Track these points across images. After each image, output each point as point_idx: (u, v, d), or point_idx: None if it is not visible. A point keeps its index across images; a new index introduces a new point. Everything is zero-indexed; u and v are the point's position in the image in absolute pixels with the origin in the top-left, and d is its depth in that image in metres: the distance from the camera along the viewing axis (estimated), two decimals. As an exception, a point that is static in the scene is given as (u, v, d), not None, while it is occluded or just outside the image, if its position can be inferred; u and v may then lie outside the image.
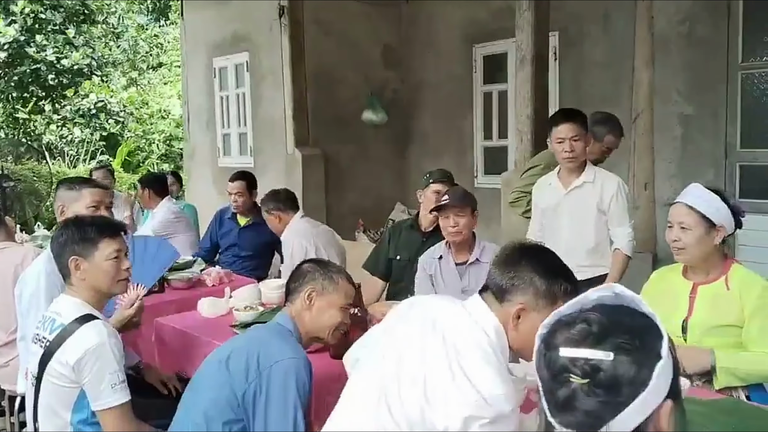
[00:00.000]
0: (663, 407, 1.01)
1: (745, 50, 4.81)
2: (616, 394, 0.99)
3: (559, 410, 1.02)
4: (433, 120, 7.23)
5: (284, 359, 1.93)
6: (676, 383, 1.05)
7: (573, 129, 3.35)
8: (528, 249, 1.80)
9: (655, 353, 1.01)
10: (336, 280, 2.23)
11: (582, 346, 1.02)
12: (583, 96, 5.76)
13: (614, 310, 1.08)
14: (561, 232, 3.53)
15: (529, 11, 4.45)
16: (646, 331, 1.04)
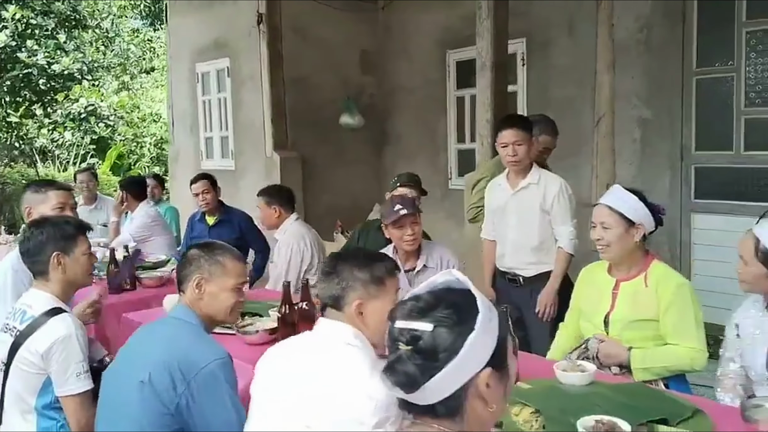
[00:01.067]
0: (482, 374, 1.20)
1: (699, 57, 5.00)
2: (433, 360, 1.18)
3: (389, 370, 1.21)
4: (408, 123, 7.41)
5: (207, 365, 1.95)
6: (499, 355, 1.24)
7: (516, 134, 3.52)
8: (339, 254, 2.02)
9: (469, 327, 1.19)
10: (223, 263, 2.19)
11: (409, 319, 1.22)
12: (549, 99, 5.95)
13: (448, 290, 1.27)
14: (508, 231, 3.72)
15: (488, 20, 4.64)
16: (466, 309, 1.22)
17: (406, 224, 3.22)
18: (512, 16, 5.84)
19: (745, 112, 4.78)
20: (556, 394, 2.16)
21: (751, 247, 2.28)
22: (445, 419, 1.21)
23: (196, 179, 4.91)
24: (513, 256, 3.70)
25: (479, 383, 1.20)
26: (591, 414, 1.94)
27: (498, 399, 1.25)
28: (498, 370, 1.23)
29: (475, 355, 1.19)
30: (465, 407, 1.21)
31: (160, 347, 2.03)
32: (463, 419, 1.22)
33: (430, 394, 1.19)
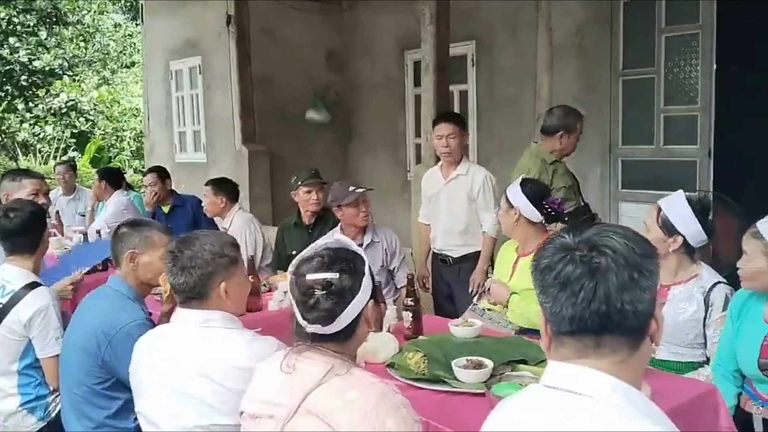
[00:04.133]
0: (368, 304, 1.67)
1: (625, 59, 5.48)
2: (343, 298, 1.62)
3: (308, 311, 1.63)
4: (371, 119, 7.85)
5: (124, 325, 2.31)
6: (375, 292, 1.71)
7: (449, 128, 3.99)
8: (179, 248, 2.10)
9: (361, 272, 1.66)
10: (150, 236, 2.52)
11: (319, 272, 1.65)
12: (496, 98, 6.42)
13: (337, 249, 1.73)
14: (440, 216, 4.19)
15: (431, 25, 5.08)
16: (357, 260, 1.69)
17: (361, 202, 3.71)
18: (463, 20, 6.33)
19: (664, 110, 5.27)
20: (446, 344, 2.62)
21: (654, 215, 2.70)
22: (338, 342, 1.64)
23: (147, 172, 5.39)
24: (443, 239, 4.17)
25: (367, 311, 1.67)
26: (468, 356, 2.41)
27: (374, 321, 1.73)
28: (376, 302, 1.72)
29: (366, 291, 1.65)
30: (357, 331, 1.67)
31: (90, 314, 2.45)
32: (353, 340, 1.68)
33: (340, 323, 1.62)
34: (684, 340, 2.61)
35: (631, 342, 1.16)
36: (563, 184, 3.78)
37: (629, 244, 1.16)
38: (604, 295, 1.12)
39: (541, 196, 3.00)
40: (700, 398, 2.23)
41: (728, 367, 2.49)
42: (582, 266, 1.14)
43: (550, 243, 1.23)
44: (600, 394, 1.12)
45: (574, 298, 1.14)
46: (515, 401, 1.28)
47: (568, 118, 3.85)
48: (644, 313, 1.15)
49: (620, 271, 1.13)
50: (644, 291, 1.14)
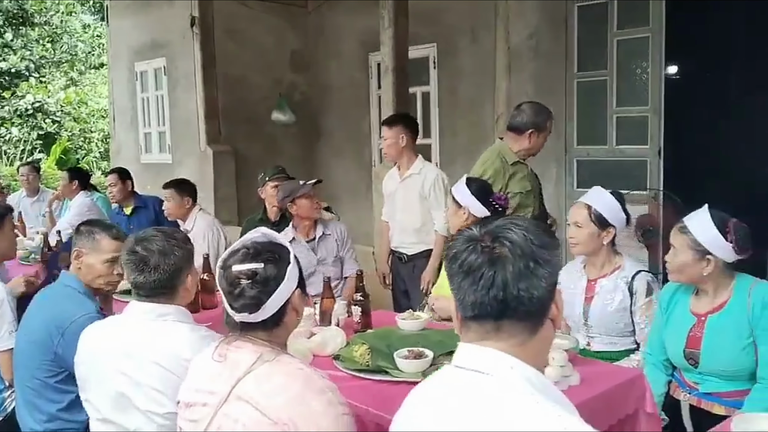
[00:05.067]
0: (295, 292, 1.75)
1: (579, 62, 5.63)
2: (267, 286, 1.70)
3: (234, 300, 1.71)
4: (337, 120, 7.94)
5: (75, 319, 2.36)
6: (302, 280, 1.79)
7: (384, 131, 4.13)
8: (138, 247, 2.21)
9: (287, 261, 1.74)
10: (98, 240, 2.59)
11: (245, 262, 1.73)
12: (457, 99, 6.55)
13: (262, 241, 1.81)
14: (396, 215, 4.31)
15: (390, 28, 5.19)
16: (282, 251, 1.77)
17: (313, 194, 3.84)
18: (425, 22, 6.45)
19: (617, 111, 5.43)
20: (391, 336, 2.72)
21: (584, 213, 2.84)
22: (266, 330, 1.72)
23: (108, 173, 5.42)
24: (399, 236, 4.28)
25: (293, 299, 1.75)
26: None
27: (302, 310, 1.81)
28: (302, 290, 1.80)
29: (292, 280, 1.73)
30: (284, 319, 1.75)
31: (42, 308, 2.53)
32: (281, 328, 1.75)
33: (266, 311, 1.70)
34: (615, 330, 2.74)
35: (530, 326, 1.26)
36: (519, 189, 3.65)
37: (528, 235, 1.26)
38: (502, 282, 1.22)
39: (486, 192, 3.13)
40: (628, 383, 2.35)
41: (658, 357, 2.62)
42: (483, 256, 1.24)
43: (460, 234, 1.34)
44: (500, 372, 1.22)
45: (476, 286, 1.24)
46: (430, 381, 1.39)
47: (539, 117, 3.68)
48: (540, 299, 1.25)
49: (517, 260, 1.23)
50: (540, 279, 1.24)
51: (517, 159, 3.67)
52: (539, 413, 1.16)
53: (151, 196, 5.51)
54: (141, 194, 5.56)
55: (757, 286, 2.42)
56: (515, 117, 3.72)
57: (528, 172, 3.77)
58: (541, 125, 3.68)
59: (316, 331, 2.78)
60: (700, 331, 2.46)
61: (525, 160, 3.73)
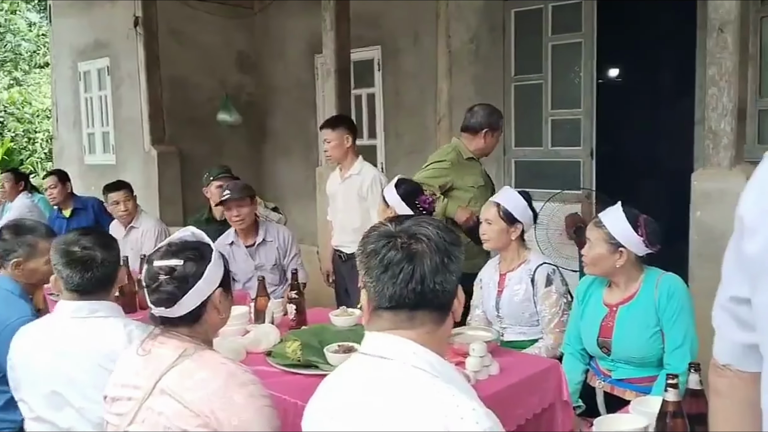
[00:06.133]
0: (216, 292, 1.82)
1: (516, 66, 5.81)
2: (185, 283, 1.76)
3: (151, 294, 1.77)
4: (284, 121, 7.99)
5: (11, 322, 2.37)
6: (226, 280, 1.87)
7: (327, 133, 4.20)
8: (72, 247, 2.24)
9: (207, 260, 1.81)
10: (35, 245, 2.63)
11: (165, 259, 1.80)
12: (401, 101, 6.67)
13: (187, 240, 1.88)
14: (338, 214, 4.40)
15: (332, 31, 5.28)
16: (204, 249, 1.84)
17: (232, 206, 3.83)
18: (369, 25, 6.56)
19: (552, 113, 5.62)
20: (324, 332, 2.81)
21: (494, 211, 3.02)
22: (187, 326, 1.80)
23: (46, 175, 5.40)
24: (339, 236, 4.38)
25: (214, 298, 1.82)
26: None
27: (225, 310, 1.88)
28: (225, 290, 1.86)
29: (212, 279, 1.80)
30: (204, 316, 1.82)
31: None
32: (201, 324, 1.82)
33: (183, 307, 1.76)
34: (523, 320, 2.91)
35: (438, 317, 1.38)
36: (472, 183, 3.87)
37: (440, 233, 1.38)
38: (420, 276, 1.33)
39: (413, 194, 3.25)
40: (544, 372, 2.50)
41: (575, 347, 2.78)
42: (402, 252, 1.35)
43: (373, 230, 1.44)
44: (402, 357, 1.34)
45: (395, 279, 1.34)
46: (340, 369, 1.49)
47: (492, 117, 3.95)
48: (451, 292, 1.38)
49: (433, 256, 1.35)
50: (452, 274, 1.37)
51: (472, 156, 3.93)
52: (436, 393, 1.27)
53: (91, 198, 5.50)
54: (80, 196, 5.53)
55: (664, 278, 2.59)
56: (470, 118, 3.97)
57: (481, 170, 4.03)
58: (495, 125, 3.95)
59: (250, 329, 2.86)
60: (611, 321, 2.62)
61: (479, 159, 3.99)
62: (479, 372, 2.35)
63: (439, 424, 1.22)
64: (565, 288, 3.01)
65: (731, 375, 1.09)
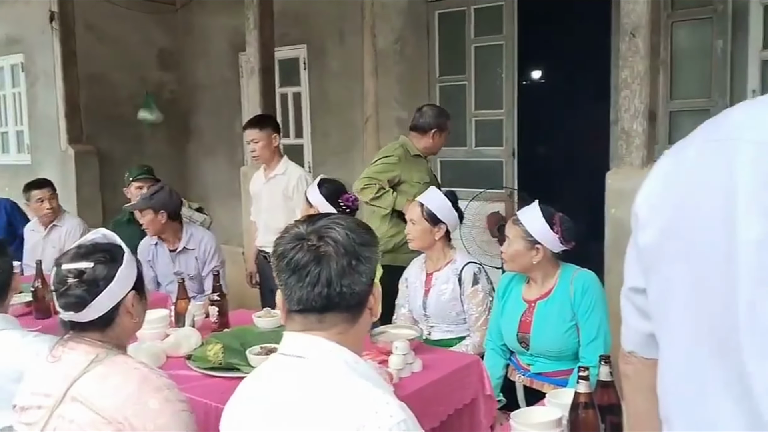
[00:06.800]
0: (128, 295, 1.77)
1: (440, 67, 5.89)
2: (95, 286, 1.71)
3: (59, 298, 1.71)
4: (207, 119, 7.84)
5: None
6: (140, 283, 1.82)
7: (254, 133, 4.16)
8: None
9: (118, 263, 1.76)
10: None
11: (74, 261, 1.75)
12: (328, 101, 6.65)
13: (97, 242, 1.82)
14: (262, 214, 4.36)
15: (256, 29, 5.22)
16: (115, 252, 1.79)
17: (139, 214, 3.79)
18: (294, 23, 6.51)
19: (475, 114, 5.73)
20: (247, 334, 2.79)
21: (418, 211, 3.05)
22: (99, 330, 1.75)
23: None
24: (264, 236, 4.34)
25: (127, 302, 1.76)
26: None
27: (139, 313, 1.83)
28: (139, 293, 1.81)
29: (124, 282, 1.76)
30: (116, 320, 1.77)
31: None
32: (114, 329, 1.77)
33: (93, 311, 1.71)
34: (450, 318, 2.96)
35: (350, 317, 1.39)
36: (417, 179, 3.93)
37: (350, 234, 1.38)
38: (326, 280, 1.33)
39: (336, 194, 3.25)
40: (466, 368, 2.55)
41: (497, 342, 2.85)
42: (309, 254, 1.34)
43: (286, 232, 1.43)
44: (318, 356, 1.34)
45: (302, 282, 1.34)
46: (258, 370, 1.48)
47: (441, 118, 4.07)
48: (360, 293, 1.38)
49: (340, 259, 1.34)
50: (361, 275, 1.36)
51: (419, 153, 4.04)
52: (351, 389, 1.28)
53: (2, 199, 5.26)
54: None
55: (579, 274, 2.68)
56: (419, 119, 4.07)
57: (428, 167, 4.16)
58: (443, 126, 4.09)
59: (170, 333, 2.80)
60: (530, 317, 2.70)
61: (425, 157, 4.12)
62: (402, 370, 2.38)
63: (355, 419, 1.23)
64: (491, 286, 3.08)
65: (636, 361, 1.14)
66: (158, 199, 3.76)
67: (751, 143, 0.87)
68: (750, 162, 0.87)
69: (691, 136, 1.01)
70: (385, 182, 3.87)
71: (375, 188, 3.83)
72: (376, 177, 3.87)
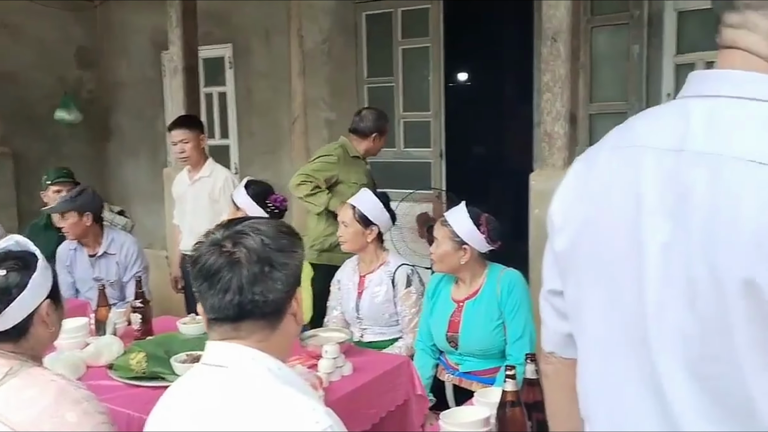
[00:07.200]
0: (43, 303, 1.69)
1: (369, 68, 5.89)
2: (8, 294, 1.63)
3: None
4: (129, 119, 7.59)
5: None
6: (55, 291, 1.74)
7: (183, 134, 4.06)
8: None
9: (32, 270, 1.68)
10: None
11: None
12: (254, 101, 6.56)
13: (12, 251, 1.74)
14: (187, 216, 4.26)
15: (179, 27, 5.09)
16: (29, 259, 1.71)
17: (59, 218, 3.66)
18: (218, 22, 6.39)
19: (403, 115, 5.76)
20: (171, 342, 2.71)
21: (349, 213, 3.04)
22: (12, 342, 1.66)
23: None
24: (189, 239, 4.22)
25: (41, 311, 1.69)
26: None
27: (55, 323, 1.75)
28: (54, 302, 1.74)
29: (38, 290, 1.68)
30: (30, 330, 1.68)
31: None
32: (28, 339, 1.69)
33: (6, 321, 1.63)
34: (383, 320, 2.96)
35: (268, 324, 1.34)
36: (355, 180, 3.91)
37: (266, 240, 1.33)
38: (238, 287, 1.29)
39: (263, 195, 3.21)
40: (397, 369, 2.55)
41: (426, 343, 2.86)
42: (222, 260, 1.31)
43: (206, 237, 1.39)
44: (241, 365, 1.30)
45: (214, 290, 1.30)
46: (181, 380, 1.44)
47: (380, 122, 4.11)
48: (276, 300, 1.33)
49: (252, 266, 1.30)
50: (276, 282, 1.32)
51: (358, 155, 4.05)
52: (275, 397, 1.26)
53: None
54: None
55: (505, 273, 2.73)
56: (359, 122, 4.08)
57: (366, 169, 4.15)
58: (382, 129, 4.12)
59: (91, 342, 2.70)
60: (458, 316, 2.73)
61: (365, 159, 4.14)
62: (332, 373, 2.36)
63: (280, 427, 1.21)
64: (423, 288, 3.09)
65: (555, 361, 1.16)
66: (83, 201, 3.62)
67: (653, 150, 0.92)
68: (653, 168, 0.91)
69: (600, 143, 1.05)
70: (322, 181, 3.85)
71: (310, 185, 3.80)
72: (313, 174, 3.84)
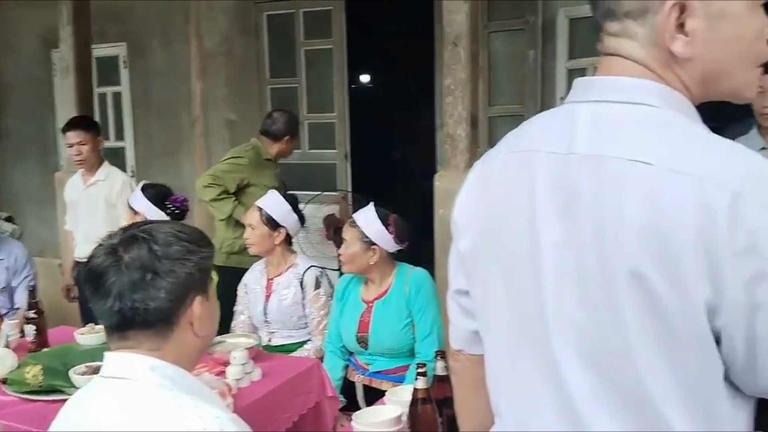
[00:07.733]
0: None
1: (271, 69, 5.83)
2: None
3: None
4: (16, 120, 7.18)
5: None
6: None
7: (79, 135, 3.89)
8: None
9: None
10: None
11: None
12: (151, 101, 6.34)
13: None
14: (81, 222, 4.09)
15: (70, 25, 4.87)
16: None
17: None
18: (112, 20, 6.14)
19: (308, 117, 5.73)
20: (69, 353, 2.59)
21: (256, 216, 3.00)
22: None
23: None
24: (84, 246, 4.04)
25: None
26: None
27: None
28: None
29: None
30: None
31: None
32: None
33: None
34: (291, 323, 2.95)
35: (157, 333, 1.28)
36: (267, 183, 3.83)
37: (154, 247, 1.28)
38: (118, 293, 1.24)
39: (162, 196, 3.13)
40: (307, 372, 2.54)
41: (336, 344, 2.87)
42: (107, 264, 1.26)
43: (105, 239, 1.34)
44: (140, 376, 1.25)
45: (98, 294, 1.26)
46: (79, 394, 1.38)
47: (291, 123, 4.11)
48: (160, 309, 1.27)
49: (132, 272, 1.25)
50: (159, 290, 1.26)
51: (270, 158, 4.03)
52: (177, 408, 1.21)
53: None
54: None
55: (413, 273, 2.77)
56: (270, 125, 4.08)
57: (277, 172, 4.13)
58: (294, 131, 4.14)
59: (-20, 356, 2.53)
60: (368, 317, 2.76)
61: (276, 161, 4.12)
62: (241, 380, 2.33)
63: None
64: (332, 290, 3.08)
65: (463, 358, 1.20)
66: None
67: (545, 153, 0.97)
68: (545, 171, 0.96)
69: (497, 147, 1.10)
70: (232, 184, 3.77)
71: (217, 189, 3.71)
72: (222, 176, 3.76)
